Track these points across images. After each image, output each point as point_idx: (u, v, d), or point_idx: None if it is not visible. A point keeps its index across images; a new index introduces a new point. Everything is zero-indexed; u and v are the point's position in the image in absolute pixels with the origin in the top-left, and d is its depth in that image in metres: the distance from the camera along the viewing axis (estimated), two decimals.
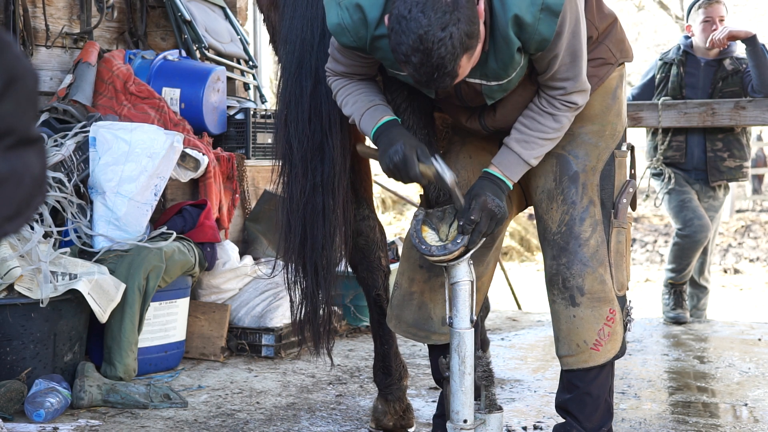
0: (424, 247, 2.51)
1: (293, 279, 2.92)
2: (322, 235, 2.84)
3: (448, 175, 2.46)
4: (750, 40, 5.16)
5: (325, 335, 2.99)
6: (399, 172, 2.47)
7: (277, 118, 2.90)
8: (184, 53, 5.33)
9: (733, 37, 5.23)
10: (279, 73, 2.92)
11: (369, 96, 2.60)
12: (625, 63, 2.74)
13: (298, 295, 2.94)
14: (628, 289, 2.72)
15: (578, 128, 2.64)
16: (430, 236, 2.54)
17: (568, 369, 2.66)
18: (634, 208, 2.86)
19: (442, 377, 2.79)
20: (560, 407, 2.74)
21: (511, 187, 2.55)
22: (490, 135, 2.70)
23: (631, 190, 2.71)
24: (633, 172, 2.77)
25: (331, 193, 2.83)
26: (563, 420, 2.74)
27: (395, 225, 11.93)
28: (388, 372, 3.28)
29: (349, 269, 3.29)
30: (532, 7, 2.27)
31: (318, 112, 2.78)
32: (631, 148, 2.76)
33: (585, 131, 2.63)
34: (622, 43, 2.71)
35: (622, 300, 2.66)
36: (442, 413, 2.81)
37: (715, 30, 5.32)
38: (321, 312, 2.95)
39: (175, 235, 4.21)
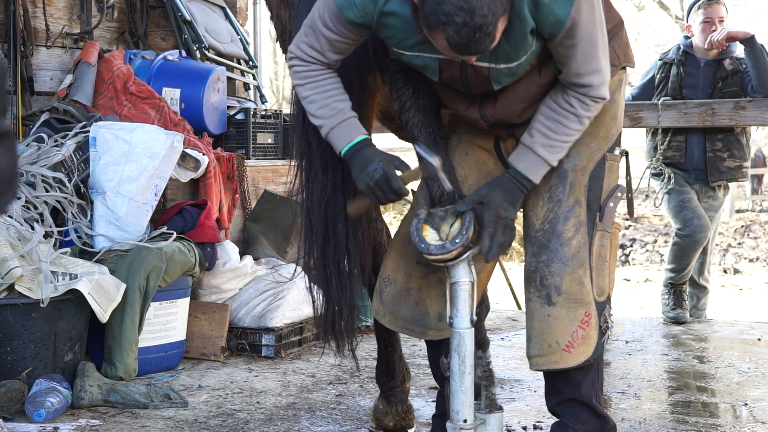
0: (423, 245, 2.50)
1: (317, 280, 2.86)
2: (344, 234, 2.79)
3: (435, 160, 2.46)
4: (748, 41, 5.17)
5: (350, 335, 2.93)
6: (381, 189, 2.47)
7: (294, 117, 2.84)
8: (184, 53, 5.34)
9: (731, 38, 5.24)
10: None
11: (339, 101, 2.55)
12: (627, 69, 2.72)
13: (321, 297, 2.89)
14: (609, 296, 2.65)
15: None
16: (430, 235, 2.53)
17: (538, 369, 2.61)
18: (631, 214, 2.83)
19: (438, 374, 2.78)
20: (551, 412, 2.72)
21: (533, 182, 2.52)
22: (486, 130, 2.68)
23: (619, 194, 2.66)
24: (628, 179, 2.75)
25: (351, 191, 2.78)
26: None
27: (395, 225, 11.93)
28: (391, 375, 3.27)
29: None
30: None
31: None
32: (625, 154, 2.73)
33: None
34: (626, 47, 2.69)
35: (601, 306, 2.59)
36: (442, 413, 2.80)
37: (714, 30, 5.32)
38: (345, 312, 2.88)
39: (175, 235, 4.21)
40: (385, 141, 4.97)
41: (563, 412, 2.64)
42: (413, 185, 2.71)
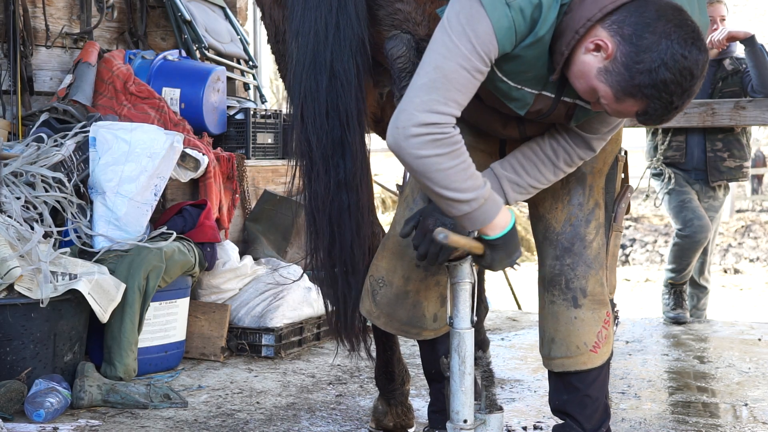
0: None
1: (324, 281, 2.82)
2: (350, 233, 2.74)
3: None
4: (748, 41, 5.17)
5: (362, 334, 2.90)
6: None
7: (293, 115, 2.80)
8: (184, 53, 5.34)
9: (732, 37, 5.24)
10: (291, 68, 2.78)
11: (474, 168, 2.26)
12: None
13: (330, 297, 2.84)
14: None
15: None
16: None
17: (563, 371, 2.62)
18: (628, 211, 2.85)
19: (432, 370, 2.78)
20: (558, 410, 2.72)
21: None
22: (491, 135, 2.67)
23: (629, 195, 2.70)
24: (626, 177, 2.76)
25: (355, 190, 2.72)
26: (562, 421, 2.73)
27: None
28: (391, 378, 3.26)
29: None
30: None
31: (335, 106, 2.67)
32: (625, 153, 2.75)
33: None
34: None
35: (612, 303, 2.66)
36: (439, 409, 2.80)
37: (716, 29, 5.33)
38: (354, 312, 2.83)
39: (175, 235, 4.21)
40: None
41: (572, 410, 2.65)
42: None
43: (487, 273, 3.29)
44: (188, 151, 4.50)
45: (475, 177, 2.22)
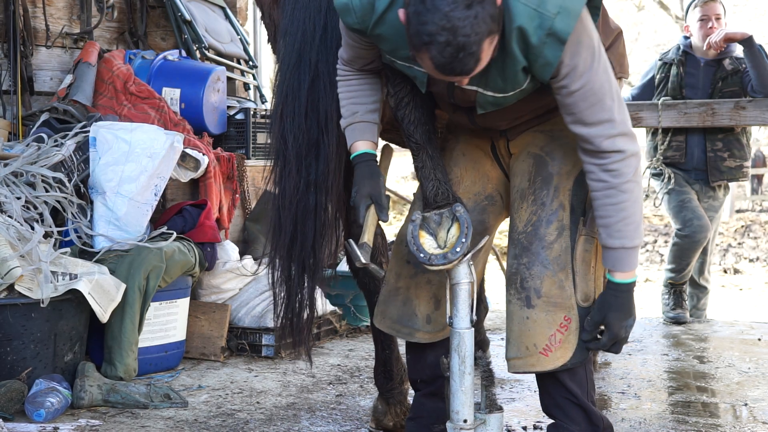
0: (422, 255, 2.47)
1: (279, 277, 2.84)
2: (312, 234, 2.76)
3: (361, 259, 2.50)
4: (746, 42, 5.17)
5: (306, 337, 2.91)
6: (353, 213, 2.60)
7: (273, 112, 2.83)
8: (184, 53, 5.34)
9: (729, 39, 5.24)
10: (277, 66, 2.85)
11: (357, 104, 2.64)
12: (622, 79, 2.73)
13: (282, 294, 2.87)
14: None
15: (560, 131, 2.59)
16: (428, 242, 2.50)
17: (515, 372, 2.59)
18: None
19: (418, 379, 2.78)
20: (546, 413, 2.71)
21: (635, 281, 2.50)
22: (480, 130, 2.67)
23: None
24: None
25: (324, 192, 2.75)
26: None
27: (395, 225, 11.92)
28: (389, 376, 3.27)
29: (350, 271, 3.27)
30: (539, 30, 2.21)
31: (315, 107, 2.71)
32: None
33: (566, 135, 2.56)
34: (622, 57, 2.71)
35: (585, 311, 2.54)
36: (416, 416, 2.80)
37: (711, 28, 5.33)
38: (304, 314, 2.86)
39: (175, 235, 4.21)
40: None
41: (556, 413, 2.63)
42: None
43: (487, 273, 3.29)
44: (188, 151, 4.50)
45: (347, 108, 2.65)
